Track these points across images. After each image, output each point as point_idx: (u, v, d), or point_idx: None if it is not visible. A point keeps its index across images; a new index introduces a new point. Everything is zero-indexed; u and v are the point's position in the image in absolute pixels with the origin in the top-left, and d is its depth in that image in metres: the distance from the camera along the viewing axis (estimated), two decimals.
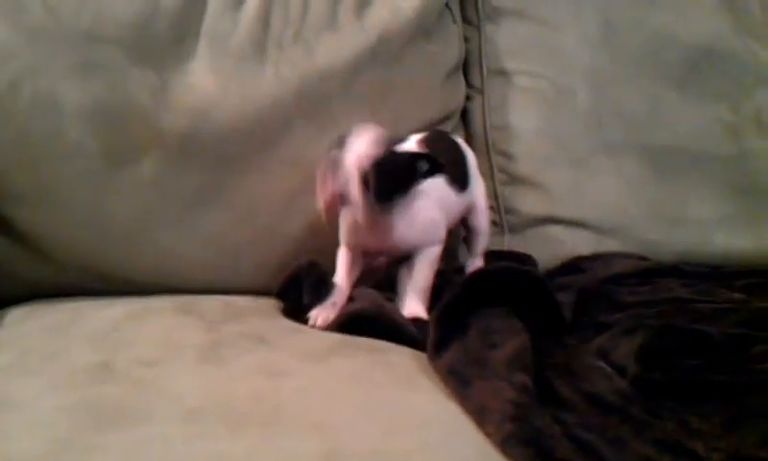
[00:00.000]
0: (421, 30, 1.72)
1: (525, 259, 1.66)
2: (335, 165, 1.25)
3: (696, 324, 1.27)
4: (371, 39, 1.64)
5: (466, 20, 1.90)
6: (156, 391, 1.00)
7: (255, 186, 1.53)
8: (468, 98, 1.87)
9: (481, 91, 1.86)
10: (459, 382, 1.03)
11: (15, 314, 1.35)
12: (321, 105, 1.59)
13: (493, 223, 1.79)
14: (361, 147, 1.26)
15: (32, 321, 1.30)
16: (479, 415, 0.95)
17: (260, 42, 1.58)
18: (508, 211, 1.79)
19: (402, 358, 1.18)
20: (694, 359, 1.14)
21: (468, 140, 1.83)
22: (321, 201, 1.27)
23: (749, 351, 1.18)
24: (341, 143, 1.27)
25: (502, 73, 1.85)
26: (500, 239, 1.78)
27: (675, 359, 1.14)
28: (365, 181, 1.24)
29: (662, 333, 1.18)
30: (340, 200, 1.26)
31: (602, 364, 1.14)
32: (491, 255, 1.66)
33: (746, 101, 1.91)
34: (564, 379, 1.08)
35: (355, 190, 1.24)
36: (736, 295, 1.49)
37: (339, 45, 1.62)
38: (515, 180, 1.79)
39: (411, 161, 1.33)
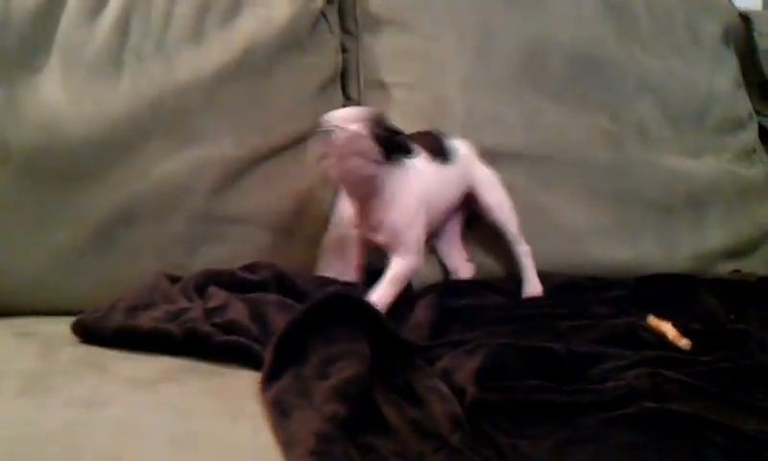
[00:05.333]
0: (293, 41, 1.69)
1: None
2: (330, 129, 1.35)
3: (550, 341, 1.25)
4: (236, 51, 1.61)
5: (345, 30, 1.86)
6: None
7: (108, 203, 1.48)
8: None
9: (359, 103, 1.82)
10: (279, 413, 0.98)
11: None
12: (180, 118, 1.55)
13: None
14: (360, 110, 1.40)
15: None
16: (287, 447, 0.91)
17: (117, 54, 1.53)
18: None
19: (241, 383, 1.12)
20: (536, 379, 1.11)
21: None
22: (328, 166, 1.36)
23: (594, 370, 1.16)
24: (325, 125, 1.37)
25: (380, 85, 1.82)
26: (375, 251, 1.73)
27: (516, 380, 1.11)
28: (373, 132, 1.35)
29: (503, 353, 1.16)
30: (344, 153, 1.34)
31: (442, 386, 1.10)
32: None
33: (628, 109, 1.91)
34: (394, 405, 1.04)
35: (367, 137, 1.34)
36: (601, 310, 1.47)
37: (202, 57, 1.59)
38: None
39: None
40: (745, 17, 2.24)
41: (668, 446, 0.96)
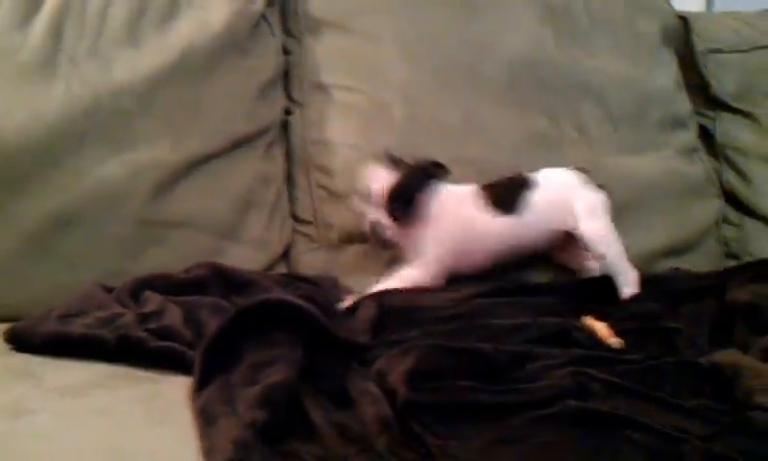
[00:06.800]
0: (232, 43, 1.69)
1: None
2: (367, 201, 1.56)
3: (483, 342, 1.25)
4: (173, 54, 1.61)
5: (288, 32, 1.86)
6: None
7: (44, 208, 1.47)
8: (289, 112, 1.83)
9: (301, 105, 1.83)
10: (205, 421, 0.98)
11: None
12: (117, 122, 1.54)
13: (311, 238, 1.76)
14: (381, 184, 1.54)
15: None
16: (207, 456, 0.91)
17: (50, 58, 1.52)
18: (326, 228, 1.76)
19: (173, 390, 1.12)
20: (467, 380, 1.12)
21: (289, 155, 1.81)
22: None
23: (523, 370, 1.17)
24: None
25: (322, 87, 1.82)
26: (317, 254, 1.75)
27: (446, 380, 1.11)
28: (391, 214, 1.55)
29: (435, 354, 1.16)
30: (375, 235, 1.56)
31: (374, 388, 1.10)
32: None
33: (568, 111, 1.93)
34: (322, 409, 1.04)
35: (387, 225, 1.56)
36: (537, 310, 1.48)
37: (138, 60, 1.58)
38: (333, 195, 1.75)
39: (420, 172, 1.57)
40: (684, 19, 2.26)
41: (589, 444, 0.97)
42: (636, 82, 2.06)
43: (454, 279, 1.64)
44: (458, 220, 1.60)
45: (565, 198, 1.65)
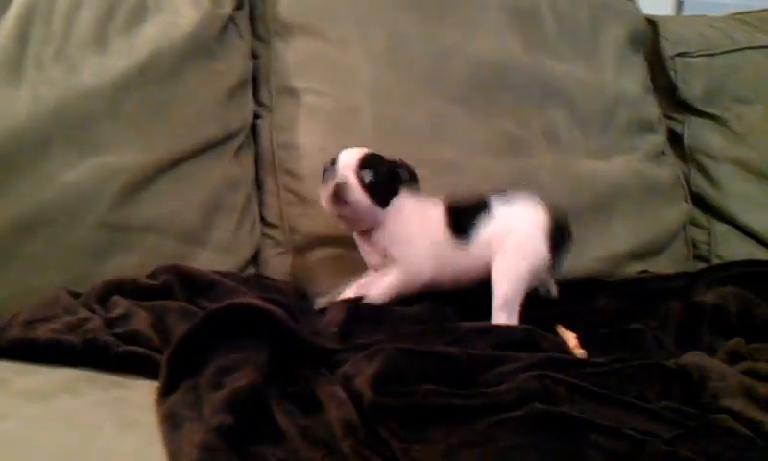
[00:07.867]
0: (200, 47, 1.69)
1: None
2: (332, 172, 1.49)
3: (449, 345, 1.26)
4: (140, 57, 1.60)
5: (257, 36, 1.86)
6: None
7: (9, 212, 1.46)
8: (257, 116, 1.82)
9: (270, 109, 1.82)
10: (171, 426, 0.99)
11: None
12: (83, 125, 1.53)
13: (278, 243, 1.76)
14: (353, 155, 1.51)
15: None
16: (173, 460, 0.91)
17: (17, 62, 1.51)
18: (293, 231, 1.75)
19: (139, 394, 1.11)
20: (433, 383, 1.12)
21: (258, 159, 1.81)
22: (323, 202, 1.52)
23: (490, 373, 1.17)
24: (333, 160, 1.51)
25: (290, 91, 1.82)
26: (285, 259, 1.74)
27: (412, 384, 1.12)
28: (360, 178, 1.49)
29: (401, 357, 1.17)
30: (336, 199, 1.48)
31: (340, 392, 1.10)
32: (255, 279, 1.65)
33: (535, 115, 1.94)
34: (288, 413, 1.04)
35: (353, 186, 1.48)
36: None
37: (105, 64, 1.57)
38: (301, 200, 1.75)
39: (393, 167, 1.55)
40: (652, 23, 2.28)
41: (553, 447, 0.98)
42: (604, 85, 2.07)
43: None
44: (432, 236, 1.57)
45: (503, 233, 1.55)
